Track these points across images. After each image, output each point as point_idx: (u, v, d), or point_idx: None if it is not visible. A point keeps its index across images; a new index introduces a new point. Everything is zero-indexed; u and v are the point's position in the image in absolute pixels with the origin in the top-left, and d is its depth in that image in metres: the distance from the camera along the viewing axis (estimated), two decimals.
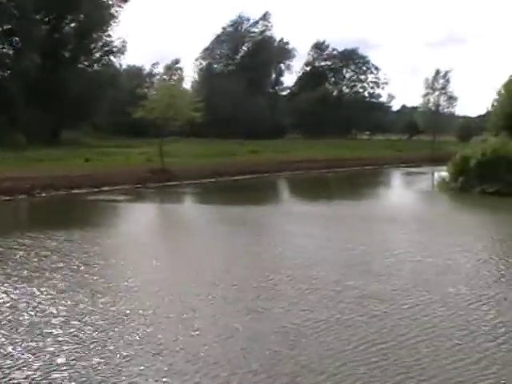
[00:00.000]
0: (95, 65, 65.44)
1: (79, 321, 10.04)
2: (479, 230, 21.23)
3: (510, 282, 13.15)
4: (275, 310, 10.81)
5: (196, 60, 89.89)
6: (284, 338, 9.39)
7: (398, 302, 11.39)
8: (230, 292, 12.04)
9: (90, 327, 9.73)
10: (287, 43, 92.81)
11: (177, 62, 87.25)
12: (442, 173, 38.29)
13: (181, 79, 73.47)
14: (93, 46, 63.07)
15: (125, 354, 8.67)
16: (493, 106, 41.24)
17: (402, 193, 39.01)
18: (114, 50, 63.73)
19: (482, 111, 43.46)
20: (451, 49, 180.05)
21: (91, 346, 8.94)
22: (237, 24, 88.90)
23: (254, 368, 8.25)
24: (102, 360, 8.42)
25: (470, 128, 78.33)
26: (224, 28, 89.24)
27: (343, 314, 10.61)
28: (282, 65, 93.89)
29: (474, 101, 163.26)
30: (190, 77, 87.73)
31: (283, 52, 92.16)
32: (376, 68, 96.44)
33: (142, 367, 8.19)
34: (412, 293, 11.97)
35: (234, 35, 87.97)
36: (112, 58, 65.13)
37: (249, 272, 13.81)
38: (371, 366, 8.38)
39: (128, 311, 10.60)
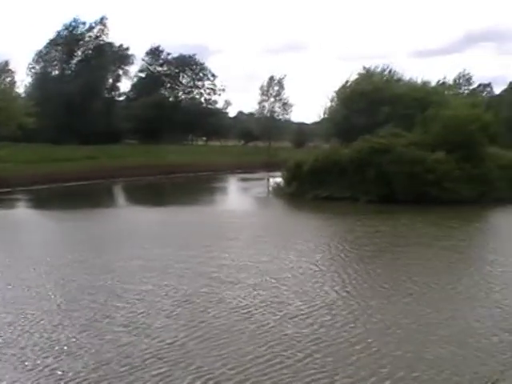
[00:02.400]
0: None
1: None
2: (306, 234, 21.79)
3: None
4: None
5: (29, 64, 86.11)
6: None
7: None
8: None
9: None
10: (126, 48, 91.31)
11: (6, 64, 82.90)
12: (277, 178, 39.03)
13: (12, 83, 70.10)
14: None
15: None
16: (325, 113, 42.73)
17: (238, 198, 39.36)
18: None
19: (318, 118, 45.22)
20: (290, 56, 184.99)
21: None
22: (72, 28, 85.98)
23: None
24: None
25: (304, 134, 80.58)
26: (58, 32, 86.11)
27: None
28: (119, 70, 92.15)
29: (310, 108, 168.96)
30: (22, 81, 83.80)
31: (121, 57, 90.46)
32: (213, 75, 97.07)
33: None
34: None
35: (69, 39, 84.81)
36: None
37: None
38: None
39: None
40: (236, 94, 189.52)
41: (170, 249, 17.95)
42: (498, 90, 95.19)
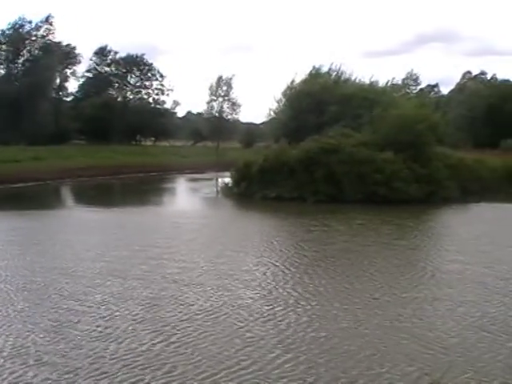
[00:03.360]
0: None
1: None
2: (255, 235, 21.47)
3: None
4: None
5: None
6: None
7: None
8: None
9: None
10: (73, 48, 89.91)
11: None
12: (226, 179, 38.75)
13: None
14: None
15: None
16: (273, 113, 42.51)
17: (188, 199, 38.95)
18: None
19: (266, 118, 45.08)
20: (239, 56, 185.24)
21: None
22: (18, 26, 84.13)
23: None
24: None
25: (253, 134, 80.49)
26: (3, 31, 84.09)
27: None
28: (67, 70, 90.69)
29: (259, 108, 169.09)
30: None
31: (68, 57, 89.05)
32: (161, 75, 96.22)
33: None
34: None
35: (15, 38, 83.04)
36: None
37: None
38: None
39: None
40: (185, 94, 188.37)
41: (126, 251, 17.34)
42: (445, 91, 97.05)
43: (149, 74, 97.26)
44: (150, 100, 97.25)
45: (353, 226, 22.96)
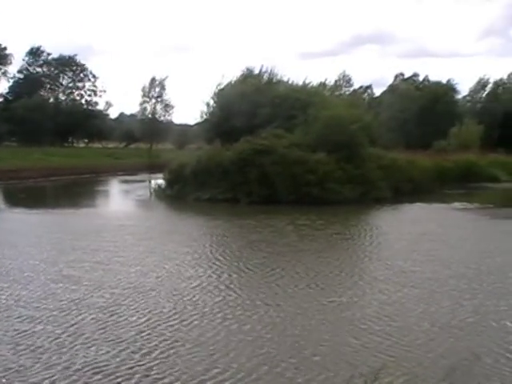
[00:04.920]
0: None
1: None
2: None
3: None
4: None
5: None
6: None
7: None
8: None
9: None
10: (4, 48, 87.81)
11: None
12: (159, 180, 38.27)
13: None
14: None
15: None
16: (206, 114, 42.06)
17: (121, 201, 38.28)
18: None
19: (200, 119, 44.66)
20: (174, 57, 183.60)
21: None
22: None
23: None
24: None
25: (186, 136, 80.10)
26: None
27: None
28: None
29: (193, 109, 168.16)
30: None
31: None
32: (94, 76, 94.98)
33: None
34: None
35: None
36: None
37: None
38: None
39: None
40: (120, 95, 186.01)
41: (63, 256, 16.65)
42: (379, 92, 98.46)
43: (81, 75, 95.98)
44: (83, 101, 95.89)
45: (298, 226, 22.87)
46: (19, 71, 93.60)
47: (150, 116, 69.45)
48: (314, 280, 13.88)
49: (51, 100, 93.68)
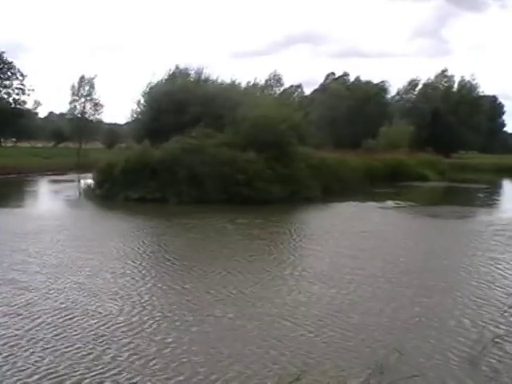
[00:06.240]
0: None
1: None
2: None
3: None
4: None
5: None
6: None
7: None
8: None
9: None
10: None
11: None
12: (89, 180, 37.69)
13: None
14: None
15: None
16: (136, 113, 41.75)
17: (49, 202, 37.44)
18: None
19: (129, 118, 44.27)
20: (105, 55, 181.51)
21: None
22: None
23: None
24: None
25: (116, 135, 79.36)
26: None
27: None
28: None
29: (123, 108, 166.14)
30: None
31: None
32: (22, 74, 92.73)
33: None
34: None
35: None
36: None
37: None
38: None
39: None
40: (50, 94, 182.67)
41: None
42: (309, 91, 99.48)
43: (9, 73, 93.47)
44: (10, 100, 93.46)
45: (239, 225, 23.17)
46: None
47: (79, 115, 68.28)
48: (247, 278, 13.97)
49: None
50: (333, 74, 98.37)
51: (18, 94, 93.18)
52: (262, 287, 13.34)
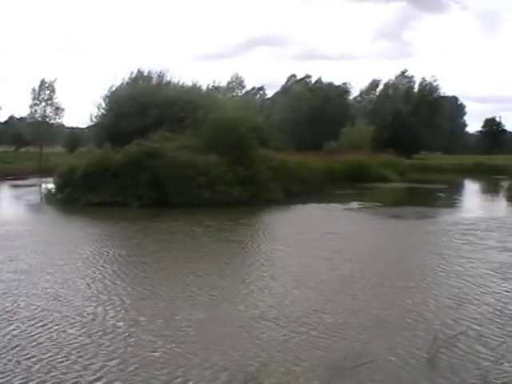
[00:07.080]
0: None
1: None
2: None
3: None
4: None
5: None
6: None
7: None
8: None
9: None
10: None
11: None
12: (50, 185, 37.38)
13: None
14: None
15: None
16: (97, 116, 41.50)
17: (10, 207, 37.07)
18: None
19: (90, 122, 44.00)
20: (67, 59, 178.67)
21: None
22: None
23: None
24: None
25: (77, 139, 78.58)
26: None
27: None
28: None
29: (85, 112, 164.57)
30: None
31: None
32: None
33: None
34: None
35: None
36: None
37: None
38: None
39: None
40: (10, 98, 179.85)
41: None
42: (271, 94, 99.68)
43: None
44: None
45: (208, 227, 23.37)
46: None
47: (39, 119, 67.60)
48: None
49: None
50: (294, 76, 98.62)
51: None
52: (234, 290, 13.48)
